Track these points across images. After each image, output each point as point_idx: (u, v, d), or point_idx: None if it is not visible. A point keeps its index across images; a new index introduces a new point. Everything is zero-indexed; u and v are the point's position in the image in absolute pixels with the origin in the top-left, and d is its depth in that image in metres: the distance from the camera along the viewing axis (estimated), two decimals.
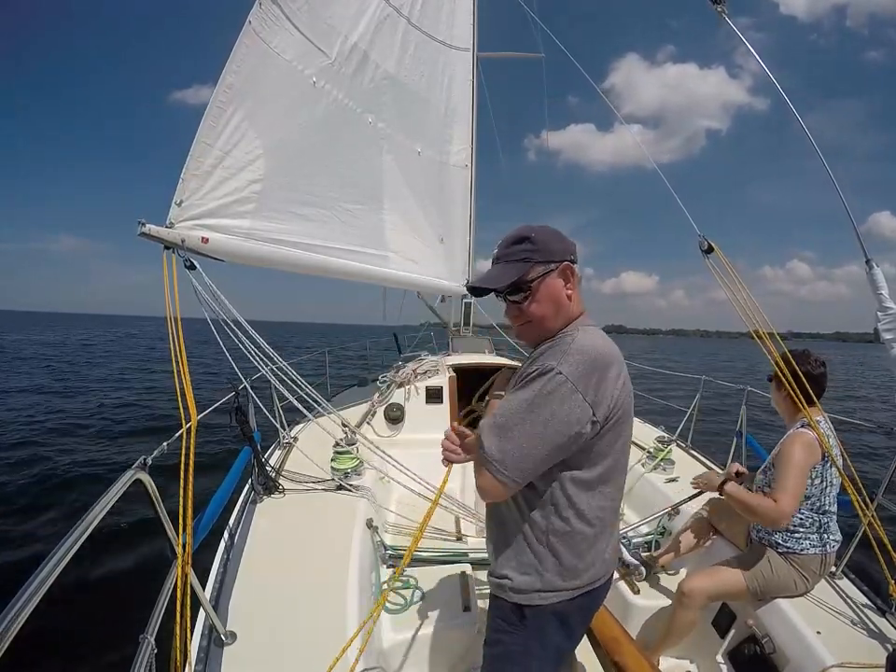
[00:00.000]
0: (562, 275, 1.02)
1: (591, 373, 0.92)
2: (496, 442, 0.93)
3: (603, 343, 0.98)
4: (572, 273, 1.03)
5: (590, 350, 0.94)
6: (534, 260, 1.00)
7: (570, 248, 1.04)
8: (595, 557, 1.03)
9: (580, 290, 1.07)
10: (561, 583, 1.01)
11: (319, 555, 1.78)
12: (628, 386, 1.00)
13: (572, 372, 0.90)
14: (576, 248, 1.06)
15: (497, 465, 0.92)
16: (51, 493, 4.75)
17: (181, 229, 2.61)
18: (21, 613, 0.63)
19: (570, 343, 0.96)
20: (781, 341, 2.00)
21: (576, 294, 1.05)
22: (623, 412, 0.98)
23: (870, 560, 1.77)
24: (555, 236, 1.04)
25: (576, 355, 0.92)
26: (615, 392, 0.95)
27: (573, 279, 1.03)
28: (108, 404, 9.54)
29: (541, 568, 1.01)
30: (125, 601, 2.87)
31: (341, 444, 2.55)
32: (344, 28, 3.59)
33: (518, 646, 1.05)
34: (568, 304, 1.04)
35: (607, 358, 0.95)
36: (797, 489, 1.62)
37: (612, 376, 0.95)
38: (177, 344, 1.96)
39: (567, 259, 1.02)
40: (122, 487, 1.00)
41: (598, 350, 0.95)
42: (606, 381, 0.93)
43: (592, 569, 1.03)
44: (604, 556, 1.05)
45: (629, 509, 2.75)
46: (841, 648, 1.48)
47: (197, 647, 1.28)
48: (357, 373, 6.32)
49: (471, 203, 5.41)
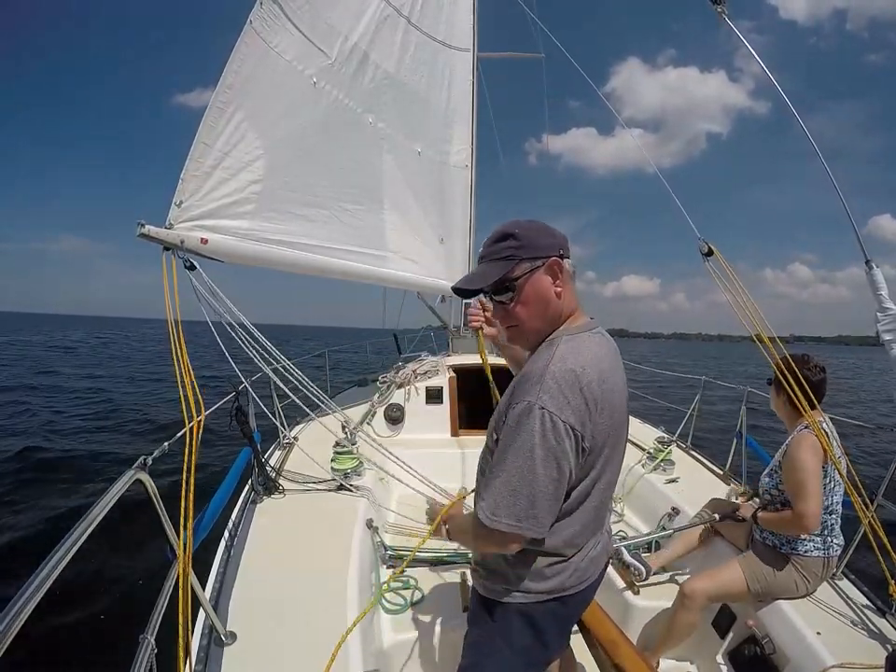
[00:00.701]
0: (549, 272, 0.96)
1: (571, 398, 0.86)
2: (500, 503, 0.86)
3: (584, 358, 0.91)
4: (560, 269, 0.96)
5: (567, 373, 0.87)
6: (519, 258, 0.94)
7: (558, 243, 0.97)
8: (565, 567, 0.99)
9: (572, 287, 1.01)
10: (528, 584, 0.98)
11: (319, 555, 1.78)
12: (615, 400, 0.94)
13: (551, 402, 0.85)
14: (566, 242, 0.99)
15: (513, 525, 0.86)
16: (52, 493, 4.75)
17: (180, 230, 2.61)
18: (21, 613, 0.63)
19: (548, 362, 0.90)
20: (782, 344, 2.00)
21: (567, 290, 0.99)
22: (611, 430, 0.93)
23: (870, 561, 1.77)
24: (542, 231, 0.98)
25: (550, 381, 0.86)
26: (602, 411, 0.90)
27: (562, 275, 0.97)
28: (110, 404, 9.55)
29: (507, 566, 0.99)
30: (125, 601, 2.88)
31: (341, 444, 2.55)
32: (345, 28, 3.59)
33: (484, 639, 1.05)
34: (558, 302, 0.98)
35: (588, 375, 0.88)
36: (815, 490, 1.63)
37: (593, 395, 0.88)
38: (178, 345, 1.96)
39: (555, 255, 0.96)
40: (122, 487, 1.00)
41: (577, 369, 0.88)
42: (590, 402, 0.88)
43: (561, 576, 0.99)
44: (579, 565, 1.01)
45: (629, 509, 2.75)
46: (841, 648, 1.48)
47: (197, 647, 1.28)
48: (357, 374, 6.32)
49: (471, 203, 5.41)
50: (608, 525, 1.13)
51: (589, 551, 1.03)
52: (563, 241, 0.99)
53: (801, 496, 1.63)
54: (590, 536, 1.03)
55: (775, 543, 1.77)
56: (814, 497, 1.62)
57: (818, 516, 1.62)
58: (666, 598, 1.90)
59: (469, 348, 5.35)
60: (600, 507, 1.01)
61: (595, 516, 1.01)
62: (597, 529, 1.05)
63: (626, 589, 2.04)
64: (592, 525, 1.01)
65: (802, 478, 1.64)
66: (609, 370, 0.94)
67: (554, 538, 0.95)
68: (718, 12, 2.19)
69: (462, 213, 5.34)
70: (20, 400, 9.47)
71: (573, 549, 0.99)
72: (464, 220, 5.37)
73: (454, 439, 3.62)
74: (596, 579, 1.08)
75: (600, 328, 1.03)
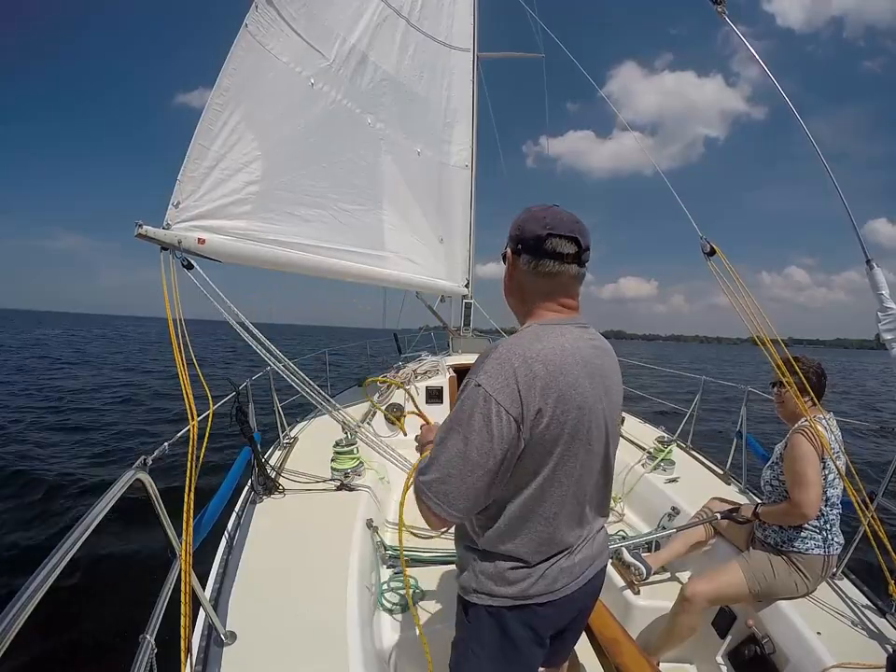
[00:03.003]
0: (513, 259, 0.98)
1: (510, 382, 0.83)
2: (430, 470, 0.87)
3: (542, 346, 0.87)
4: (510, 263, 0.98)
5: (514, 357, 0.85)
6: (510, 235, 0.98)
7: (523, 235, 0.93)
8: (529, 574, 0.94)
9: (550, 286, 0.96)
10: (491, 586, 0.95)
11: (319, 555, 1.78)
12: (579, 396, 0.88)
13: (489, 382, 0.83)
14: (537, 240, 0.92)
15: (423, 491, 0.87)
16: (51, 492, 4.75)
17: (178, 230, 2.62)
18: (21, 613, 0.63)
19: (500, 344, 0.90)
20: (784, 345, 2.00)
21: (533, 287, 0.96)
22: (563, 427, 0.87)
23: (870, 560, 1.77)
24: (525, 219, 0.95)
25: (494, 362, 0.85)
26: (547, 401, 0.84)
27: (513, 269, 0.98)
28: (112, 403, 9.55)
29: (472, 567, 0.98)
30: (125, 601, 2.87)
31: (341, 444, 2.55)
32: (343, 30, 3.60)
33: (462, 639, 1.04)
34: (514, 294, 1.01)
35: (538, 363, 0.84)
36: (814, 479, 1.66)
37: (544, 384, 0.84)
38: (179, 344, 1.96)
39: (510, 246, 0.97)
40: (122, 487, 1.00)
41: (526, 354, 0.85)
42: (533, 388, 0.83)
43: (524, 583, 0.94)
44: (547, 573, 0.95)
45: (629, 509, 2.75)
46: (841, 648, 1.48)
47: (197, 647, 1.27)
48: (357, 374, 6.32)
49: (472, 203, 5.42)
50: (592, 537, 1.04)
51: (559, 560, 0.96)
52: (531, 236, 0.92)
53: (799, 484, 1.67)
54: (558, 546, 0.96)
55: (776, 541, 1.77)
56: (812, 487, 1.64)
57: (816, 505, 1.65)
58: (667, 598, 1.90)
59: (469, 348, 5.35)
60: (565, 516, 0.94)
61: (558, 525, 0.94)
62: (568, 539, 0.97)
63: (626, 589, 2.04)
64: (557, 533, 0.95)
65: (800, 467, 1.67)
66: (576, 363, 0.89)
67: (508, 541, 0.93)
68: (718, 12, 2.19)
69: (462, 213, 5.35)
70: (18, 400, 9.46)
71: (537, 556, 0.95)
72: (464, 220, 5.37)
73: None
74: (580, 590, 1.00)
75: (590, 326, 1.00)
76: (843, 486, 1.75)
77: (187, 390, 1.79)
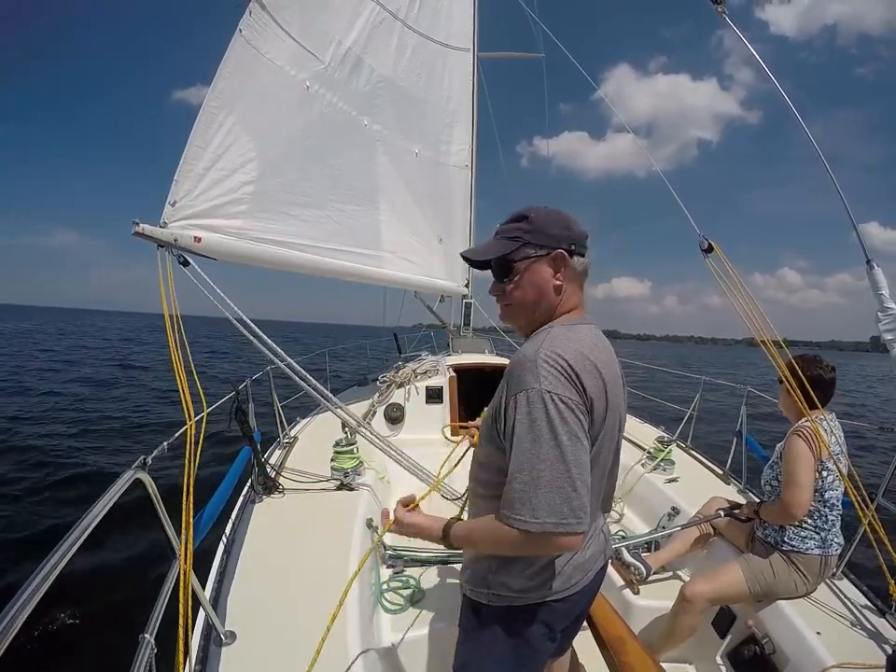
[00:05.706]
0: (552, 264, 0.93)
1: (567, 379, 0.83)
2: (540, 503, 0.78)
3: (580, 343, 0.89)
4: (565, 264, 0.93)
5: (563, 355, 0.85)
6: (524, 241, 0.93)
7: (572, 236, 0.94)
8: (545, 570, 0.95)
9: (578, 285, 0.98)
10: (507, 586, 0.96)
11: (319, 555, 1.78)
12: (611, 392, 0.90)
13: (550, 384, 0.81)
14: (583, 238, 0.96)
15: (560, 522, 0.78)
16: (51, 492, 4.74)
17: (174, 228, 2.63)
18: (21, 613, 0.63)
19: (538, 347, 0.87)
20: (784, 345, 1.99)
21: (571, 287, 0.96)
22: (603, 423, 0.89)
23: (870, 560, 1.77)
24: (558, 221, 0.94)
25: (544, 364, 0.83)
26: (595, 396, 0.86)
27: (566, 270, 0.94)
28: (112, 404, 9.54)
29: (487, 568, 0.97)
30: (125, 600, 2.87)
31: (341, 444, 2.54)
32: (338, 33, 3.61)
33: (472, 639, 1.04)
34: (553, 296, 0.95)
35: (583, 359, 0.86)
36: (805, 481, 1.66)
37: (592, 381, 0.86)
38: (176, 342, 1.95)
39: (563, 248, 0.93)
40: (122, 487, 1.00)
41: (571, 352, 0.86)
42: (585, 383, 0.84)
43: (539, 578, 0.95)
44: (563, 570, 0.97)
45: (629, 508, 2.75)
46: (841, 648, 1.48)
47: (197, 646, 1.27)
48: (356, 374, 6.31)
49: (471, 203, 5.41)
50: (599, 532, 1.07)
51: (573, 556, 0.98)
52: (578, 236, 0.95)
53: (789, 484, 1.69)
54: None
55: (776, 541, 1.77)
56: (802, 488, 1.66)
57: (804, 506, 1.66)
58: (667, 598, 1.90)
59: (469, 348, 5.34)
60: None
61: None
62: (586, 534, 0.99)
63: (626, 588, 2.04)
64: None
65: (792, 468, 1.69)
66: (606, 359, 0.92)
67: None
68: (718, 12, 2.19)
69: (462, 212, 5.35)
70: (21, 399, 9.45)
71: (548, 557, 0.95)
72: (464, 220, 5.37)
73: (454, 438, 3.62)
74: (588, 584, 1.02)
75: (596, 326, 1.01)
76: (843, 487, 1.75)
77: (184, 388, 1.79)
